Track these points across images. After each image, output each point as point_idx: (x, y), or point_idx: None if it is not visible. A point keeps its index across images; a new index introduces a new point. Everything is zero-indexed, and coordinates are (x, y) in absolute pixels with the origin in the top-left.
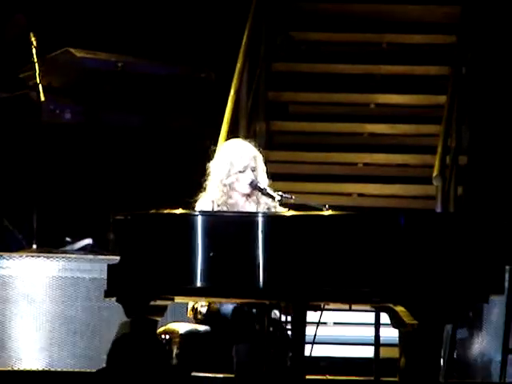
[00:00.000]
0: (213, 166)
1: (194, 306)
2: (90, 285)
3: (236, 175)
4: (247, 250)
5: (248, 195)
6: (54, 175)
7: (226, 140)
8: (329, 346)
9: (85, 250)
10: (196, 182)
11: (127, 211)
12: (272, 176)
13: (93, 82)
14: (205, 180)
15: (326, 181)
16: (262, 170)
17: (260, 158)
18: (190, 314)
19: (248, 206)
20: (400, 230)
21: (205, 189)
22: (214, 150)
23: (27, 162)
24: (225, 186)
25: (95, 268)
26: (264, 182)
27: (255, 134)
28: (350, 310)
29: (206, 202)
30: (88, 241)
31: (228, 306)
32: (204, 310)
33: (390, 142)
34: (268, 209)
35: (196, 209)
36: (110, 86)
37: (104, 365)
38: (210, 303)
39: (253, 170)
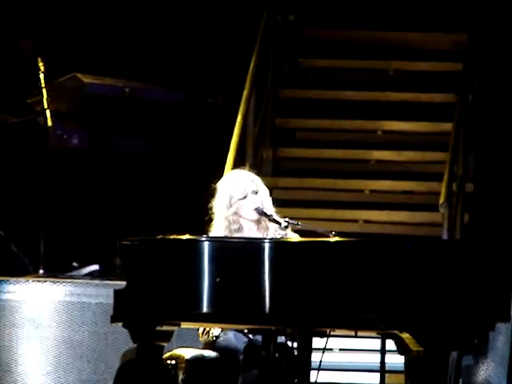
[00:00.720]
0: (215, 204)
1: (204, 330)
2: (97, 310)
3: (237, 204)
4: (253, 275)
5: (258, 222)
6: (61, 200)
7: (233, 166)
8: (335, 373)
9: (92, 275)
10: (202, 207)
11: (134, 236)
12: (279, 202)
13: (100, 107)
14: (210, 219)
15: (332, 207)
16: (264, 192)
17: (259, 180)
18: (201, 337)
19: (257, 234)
20: (406, 257)
21: (211, 226)
22: (215, 188)
23: (34, 187)
24: (226, 218)
25: (102, 293)
26: (269, 205)
27: (262, 161)
28: (356, 336)
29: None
30: (95, 267)
31: (237, 340)
32: (217, 332)
33: (397, 169)
34: (278, 235)
35: None
36: (117, 111)
37: None
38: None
39: (255, 193)
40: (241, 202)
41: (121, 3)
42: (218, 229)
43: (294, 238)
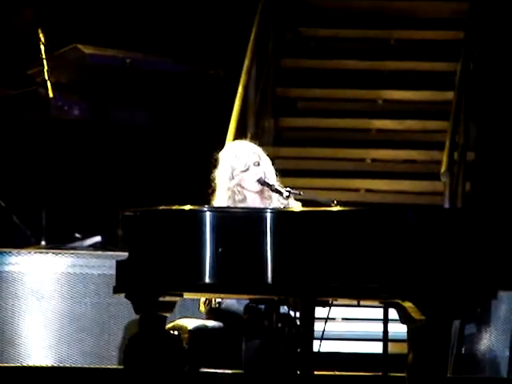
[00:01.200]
0: (217, 175)
1: (206, 299)
2: (99, 281)
3: (239, 176)
4: (256, 245)
5: (261, 193)
6: (63, 171)
7: (235, 136)
8: (337, 342)
9: (94, 247)
10: (204, 178)
11: (136, 207)
12: (280, 172)
13: (101, 78)
14: (213, 190)
15: (333, 176)
16: (267, 163)
17: (261, 151)
18: (202, 307)
19: (260, 205)
20: (408, 226)
21: (213, 196)
22: (216, 159)
23: (36, 159)
24: (230, 189)
25: (104, 264)
26: (272, 176)
27: (263, 131)
28: (359, 305)
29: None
30: (97, 238)
31: (238, 303)
32: (219, 300)
33: (398, 138)
34: (281, 205)
35: None
36: (118, 82)
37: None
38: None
39: (257, 165)
40: (243, 175)
41: None
42: (220, 199)
43: (296, 207)
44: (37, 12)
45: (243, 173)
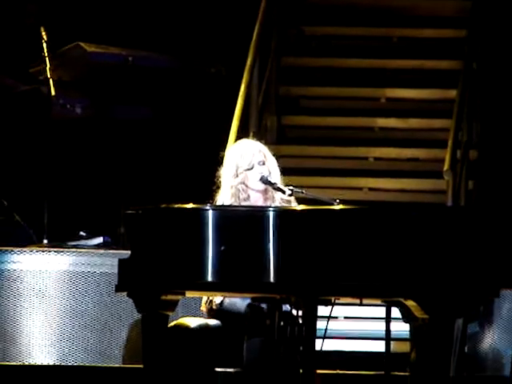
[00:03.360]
0: (222, 173)
1: (208, 299)
2: (101, 279)
3: (243, 174)
4: (258, 244)
5: (264, 192)
6: (65, 169)
7: (237, 134)
8: (339, 341)
9: (99, 247)
10: (207, 175)
11: (139, 205)
12: (283, 170)
13: (103, 76)
14: (217, 187)
15: (336, 175)
16: (272, 162)
17: (267, 150)
18: (203, 307)
19: (263, 205)
20: (411, 224)
21: (217, 193)
22: (223, 157)
23: (38, 157)
24: (234, 187)
25: (106, 262)
26: (276, 175)
27: (266, 129)
28: (361, 304)
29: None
30: (99, 239)
31: (242, 301)
32: (219, 300)
33: (401, 136)
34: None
35: None
36: (121, 80)
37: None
38: (224, 297)
39: (262, 164)
40: (247, 173)
41: None
42: (224, 197)
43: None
44: (40, 8)
45: (247, 171)
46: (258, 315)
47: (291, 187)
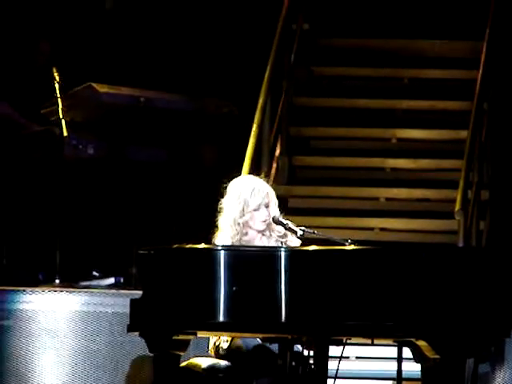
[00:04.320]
0: (226, 204)
1: (215, 343)
2: (113, 319)
3: (250, 213)
4: (269, 284)
5: (262, 232)
6: (78, 209)
7: (249, 174)
8: (351, 381)
9: (111, 287)
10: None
11: (150, 246)
12: (294, 210)
13: (115, 116)
14: (217, 217)
15: (347, 215)
16: (274, 204)
17: (272, 193)
18: (211, 350)
19: (260, 242)
20: (422, 265)
21: (217, 226)
22: (226, 187)
23: (51, 197)
24: (239, 224)
25: (118, 302)
26: (277, 213)
27: (277, 169)
28: (373, 344)
29: (223, 240)
30: (111, 280)
31: (251, 341)
32: (225, 345)
33: (412, 177)
34: (281, 241)
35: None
36: (133, 120)
37: None
38: (232, 339)
39: (266, 207)
40: (254, 213)
41: (135, 12)
42: (227, 232)
43: (296, 244)
44: (52, 48)
45: (254, 211)
46: (267, 355)
47: (303, 227)
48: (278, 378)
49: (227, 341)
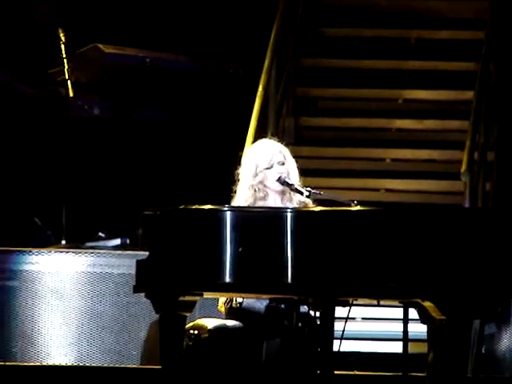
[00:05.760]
0: (241, 171)
1: (227, 299)
2: (119, 280)
3: (263, 173)
4: (276, 245)
5: (282, 193)
6: (84, 171)
7: (255, 135)
8: (357, 342)
9: (118, 248)
10: (225, 176)
11: (157, 206)
12: (300, 171)
13: (121, 77)
14: (235, 186)
15: (353, 176)
16: (291, 163)
17: (287, 151)
18: (221, 307)
19: (281, 205)
20: (428, 226)
21: (235, 193)
22: (241, 156)
23: (57, 158)
24: (252, 187)
25: (124, 263)
26: (295, 176)
27: (284, 130)
28: (379, 305)
29: (237, 203)
30: (117, 241)
31: (261, 303)
32: (240, 299)
33: (418, 138)
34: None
35: None
36: (138, 81)
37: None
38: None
39: (282, 164)
40: (266, 172)
41: None
42: (242, 196)
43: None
44: (56, 11)
45: (266, 170)
46: (277, 316)
47: (309, 188)
48: (285, 339)
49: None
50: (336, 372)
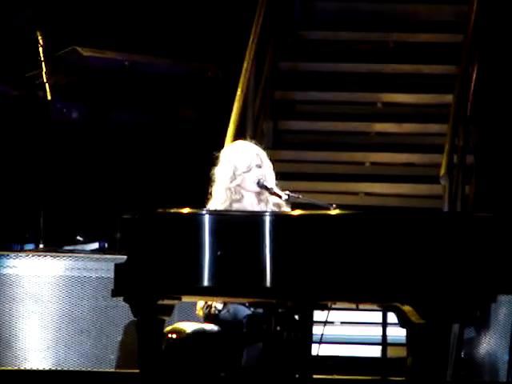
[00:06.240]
0: (217, 172)
1: (205, 303)
2: (97, 284)
3: (241, 176)
4: (254, 249)
5: (259, 195)
6: (62, 174)
7: (233, 139)
8: (336, 346)
9: (96, 252)
10: (203, 180)
11: (135, 210)
12: (279, 175)
13: (99, 80)
14: (211, 187)
15: (332, 180)
16: (268, 166)
17: (264, 154)
18: (199, 311)
19: (258, 208)
20: (407, 230)
21: (211, 195)
22: (217, 156)
23: (35, 161)
24: (229, 190)
25: (102, 267)
26: (271, 179)
27: (262, 133)
28: (357, 309)
29: (213, 206)
30: (96, 244)
31: (243, 310)
32: (220, 306)
33: (397, 141)
34: (277, 209)
35: None
36: (117, 84)
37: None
38: (224, 304)
39: (259, 167)
40: (245, 175)
41: None
42: (218, 199)
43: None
44: (36, 12)
45: (245, 173)
46: (256, 323)
47: (287, 192)
48: (265, 344)
49: (221, 302)
50: (315, 376)
